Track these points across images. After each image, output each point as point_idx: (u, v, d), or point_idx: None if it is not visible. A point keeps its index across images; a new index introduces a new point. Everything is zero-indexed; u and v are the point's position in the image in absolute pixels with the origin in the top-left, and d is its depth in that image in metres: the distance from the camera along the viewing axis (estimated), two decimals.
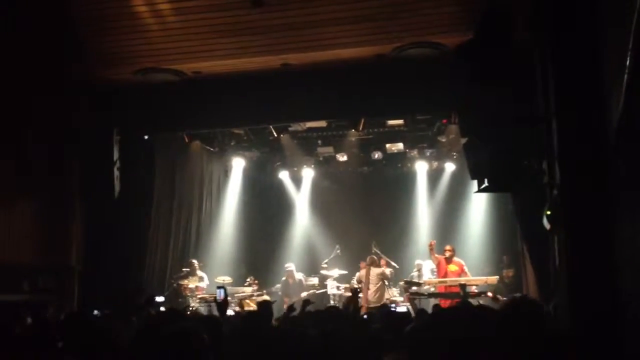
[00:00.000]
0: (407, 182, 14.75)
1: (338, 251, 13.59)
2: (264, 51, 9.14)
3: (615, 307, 5.04)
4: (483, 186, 7.49)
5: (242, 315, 7.25)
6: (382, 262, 13.09)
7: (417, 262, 12.92)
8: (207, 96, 10.14)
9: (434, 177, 14.60)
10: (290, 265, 13.35)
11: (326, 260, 13.53)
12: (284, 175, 15.28)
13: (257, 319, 5.33)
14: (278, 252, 14.82)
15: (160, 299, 8.92)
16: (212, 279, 12.52)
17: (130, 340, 4.18)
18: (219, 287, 5.27)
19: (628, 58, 3.75)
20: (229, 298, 7.48)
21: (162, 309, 8.01)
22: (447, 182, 14.40)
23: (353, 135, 13.18)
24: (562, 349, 2.71)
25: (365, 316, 7.54)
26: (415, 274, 12.66)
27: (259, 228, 15.12)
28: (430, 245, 12.08)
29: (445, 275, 11.65)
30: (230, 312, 8.14)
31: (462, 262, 11.85)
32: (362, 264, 13.05)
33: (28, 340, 4.52)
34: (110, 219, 10.31)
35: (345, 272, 13.10)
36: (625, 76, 3.87)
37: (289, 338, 3.73)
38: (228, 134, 13.25)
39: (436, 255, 12.10)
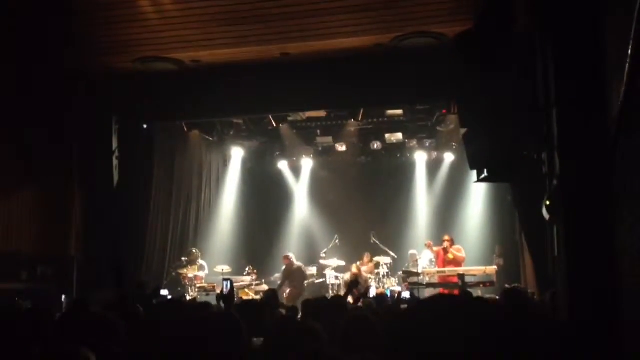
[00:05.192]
0: (406, 172, 14.76)
1: (337, 241, 13.61)
2: (263, 40, 9.10)
3: (614, 296, 5.04)
4: (482, 176, 7.47)
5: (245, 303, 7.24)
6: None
7: (411, 252, 12.93)
8: (206, 85, 10.12)
9: (433, 167, 14.60)
10: (291, 255, 13.36)
11: (325, 250, 13.55)
12: (283, 165, 15.27)
13: (262, 307, 5.26)
14: (277, 241, 14.83)
15: (164, 292, 8.93)
16: (211, 268, 12.55)
17: (132, 331, 4.15)
18: (225, 279, 5.10)
19: (630, 46, 3.74)
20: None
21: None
22: (446, 173, 14.41)
23: (352, 125, 13.16)
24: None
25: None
26: (410, 264, 12.68)
27: (257, 217, 15.14)
28: (428, 245, 12.43)
29: (444, 266, 11.66)
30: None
31: (460, 247, 12.01)
32: (366, 256, 13.03)
33: (26, 330, 4.49)
34: (109, 208, 10.31)
35: (343, 262, 13.12)
36: (627, 64, 3.86)
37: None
38: (227, 123, 13.21)
39: (434, 248, 12.23)
